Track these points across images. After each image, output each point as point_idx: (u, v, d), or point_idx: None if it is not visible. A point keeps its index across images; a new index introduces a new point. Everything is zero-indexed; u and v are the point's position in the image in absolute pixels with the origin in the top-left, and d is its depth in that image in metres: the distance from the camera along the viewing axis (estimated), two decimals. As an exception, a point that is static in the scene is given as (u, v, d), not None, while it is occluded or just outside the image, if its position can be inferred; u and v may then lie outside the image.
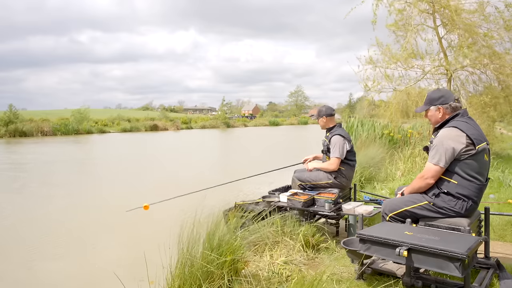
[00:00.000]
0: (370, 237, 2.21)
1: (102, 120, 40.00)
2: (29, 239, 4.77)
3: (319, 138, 4.10)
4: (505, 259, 2.81)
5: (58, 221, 5.64)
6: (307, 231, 3.22)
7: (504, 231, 3.56)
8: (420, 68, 7.48)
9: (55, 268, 3.92)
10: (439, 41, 7.29)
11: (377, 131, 9.51)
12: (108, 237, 4.83)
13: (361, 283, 2.51)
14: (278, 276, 2.64)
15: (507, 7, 6.55)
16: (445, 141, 2.33)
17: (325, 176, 3.78)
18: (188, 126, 46.33)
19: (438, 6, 6.95)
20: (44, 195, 7.60)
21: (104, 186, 8.69)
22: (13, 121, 29.44)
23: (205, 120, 52.28)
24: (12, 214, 6.15)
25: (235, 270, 2.46)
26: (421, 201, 2.44)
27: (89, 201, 6.94)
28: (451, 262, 1.91)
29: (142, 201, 2.84)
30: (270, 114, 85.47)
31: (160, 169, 10.86)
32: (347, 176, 3.77)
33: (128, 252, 4.12)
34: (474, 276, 2.40)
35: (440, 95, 2.52)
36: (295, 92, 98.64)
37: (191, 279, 2.29)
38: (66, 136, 29.87)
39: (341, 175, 3.73)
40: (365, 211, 3.20)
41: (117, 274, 2.28)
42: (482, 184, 2.37)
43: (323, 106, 3.94)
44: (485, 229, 2.66)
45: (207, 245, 2.41)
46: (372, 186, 6.17)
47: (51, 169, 11.46)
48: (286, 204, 3.54)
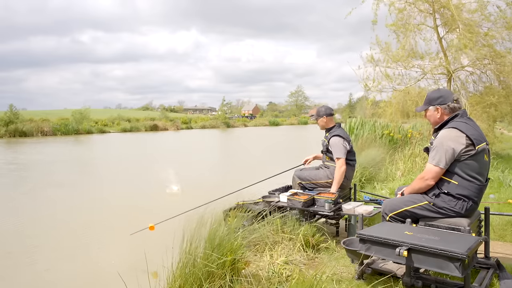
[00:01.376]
0: (370, 237, 2.21)
1: (102, 120, 40.01)
2: (31, 239, 4.77)
3: (319, 138, 4.11)
4: (505, 259, 2.81)
5: (63, 221, 5.65)
6: (307, 231, 3.22)
7: (504, 231, 3.56)
8: (420, 68, 7.48)
9: (57, 267, 3.92)
10: (439, 41, 7.29)
11: (377, 131, 9.51)
12: (110, 237, 4.83)
13: (361, 283, 2.51)
14: (278, 276, 2.64)
15: (508, 5, 6.55)
16: (445, 142, 2.33)
17: (325, 175, 3.79)
18: (188, 126, 46.34)
19: (438, 6, 6.95)
20: (45, 195, 7.60)
21: (106, 186, 8.70)
22: (13, 121, 29.45)
23: (205, 120, 52.30)
24: (18, 214, 6.16)
25: (236, 270, 2.46)
26: (421, 201, 2.44)
27: (91, 202, 6.95)
28: (451, 262, 1.91)
29: (143, 201, 2.84)
30: (270, 114, 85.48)
31: (161, 170, 10.87)
32: (347, 176, 3.77)
33: (129, 252, 4.12)
34: (474, 276, 2.40)
35: (439, 95, 2.52)
36: (295, 92, 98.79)
37: (192, 278, 2.30)
38: (66, 136, 29.88)
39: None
40: (365, 211, 3.21)
41: (119, 273, 2.28)
42: (482, 185, 2.37)
43: (322, 106, 3.95)
44: (485, 229, 2.66)
45: (208, 245, 2.41)
46: (372, 186, 6.17)
47: (53, 169, 11.46)
48: (286, 204, 3.54)
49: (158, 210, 5.81)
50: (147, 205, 6.25)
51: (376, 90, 7.71)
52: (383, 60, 7.53)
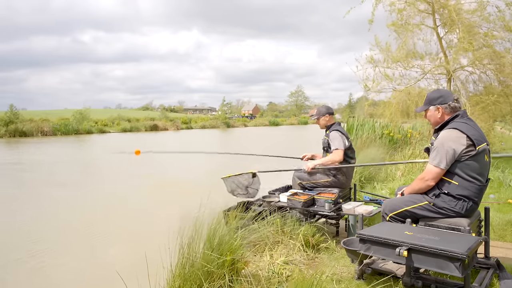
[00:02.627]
0: (370, 237, 2.21)
1: (102, 120, 40.00)
2: (31, 239, 4.77)
3: (319, 138, 4.12)
4: (505, 259, 2.81)
5: (65, 221, 5.66)
6: (307, 231, 3.22)
7: (504, 231, 3.56)
8: (420, 68, 7.48)
9: (57, 267, 3.92)
10: (439, 41, 7.29)
11: (377, 131, 9.52)
12: (110, 237, 4.84)
13: (361, 283, 2.51)
14: (278, 276, 2.64)
15: (507, 5, 6.55)
16: (445, 143, 2.33)
17: (324, 175, 3.79)
18: (188, 126, 46.32)
19: (437, 6, 6.95)
20: (47, 196, 7.60)
21: (107, 187, 8.70)
22: (13, 121, 29.45)
23: (205, 120, 52.27)
24: (21, 213, 6.17)
25: (235, 270, 2.46)
26: (421, 201, 2.44)
27: (92, 202, 6.95)
28: (451, 262, 1.91)
29: (143, 203, 2.84)
30: (270, 114, 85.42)
31: (162, 171, 10.86)
32: (346, 174, 3.79)
33: (129, 252, 4.13)
34: (474, 276, 2.40)
35: (439, 95, 2.52)
36: (295, 92, 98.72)
37: (192, 278, 2.30)
38: (66, 136, 29.87)
39: (341, 174, 3.75)
40: (365, 211, 3.21)
41: (118, 273, 2.28)
42: (483, 185, 2.37)
43: (322, 106, 4.03)
44: (485, 229, 2.66)
45: (208, 245, 2.41)
46: (372, 186, 6.17)
47: (54, 169, 11.46)
48: (286, 204, 3.54)
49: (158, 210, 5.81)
50: (147, 205, 6.26)
51: (376, 90, 7.72)
52: (383, 60, 7.53)
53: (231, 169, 4.11)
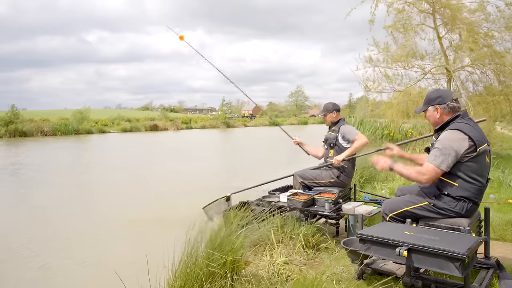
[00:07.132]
0: (370, 237, 2.21)
1: (102, 120, 39.97)
2: (33, 239, 4.77)
3: (318, 138, 4.12)
4: (505, 259, 2.82)
5: (66, 220, 5.65)
6: (307, 231, 3.23)
7: (504, 231, 3.56)
8: (420, 68, 7.48)
9: (57, 266, 3.92)
10: (439, 41, 7.29)
11: (378, 131, 9.51)
12: (110, 237, 4.84)
13: (361, 283, 2.51)
14: (278, 276, 2.64)
15: (507, 5, 6.55)
16: (448, 144, 2.31)
17: (328, 175, 3.80)
18: (188, 126, 46.26)
19: (438, 6, 6.95)
20: (48, 195, 7.60)
21: (108, 186, 8.70)
22: (13, 121, 29.44)
23: (205, 120, 52.20)
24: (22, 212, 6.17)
25: (236, 270, 2.46)
26: (421, 202, 2.44)
27: (92, 202, 6.95)
28: (451, 262, 1.91)
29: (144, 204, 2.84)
30: (270, 114, 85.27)
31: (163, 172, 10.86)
32: (349, 174, 3.82)
33: (130, 251, 4.13)
34: (474, 276, 2.40)
35: (438, 95, 2.51)
36: (295, 92, 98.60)
37: (193, 278, 2.30)
38: (66, 136, 29.86)
39: (343, 173, 3.77)
40: (365, 211, 3.21)
41: (119, 273, 2.28)
42: (483, 185, 2.37)
43: (328, 103, 4.05)
44: (485, 229, 2.66)
45: (209, 244, 2.41)
46: (372, 186, 6.17)
47: (55, 169, 11.46)
48: (286, 204, 3.54)
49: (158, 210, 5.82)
50: (147, 205, 6.26)
51: (377, 91, 7.72)
52: (383, 60, 7.54)
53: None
